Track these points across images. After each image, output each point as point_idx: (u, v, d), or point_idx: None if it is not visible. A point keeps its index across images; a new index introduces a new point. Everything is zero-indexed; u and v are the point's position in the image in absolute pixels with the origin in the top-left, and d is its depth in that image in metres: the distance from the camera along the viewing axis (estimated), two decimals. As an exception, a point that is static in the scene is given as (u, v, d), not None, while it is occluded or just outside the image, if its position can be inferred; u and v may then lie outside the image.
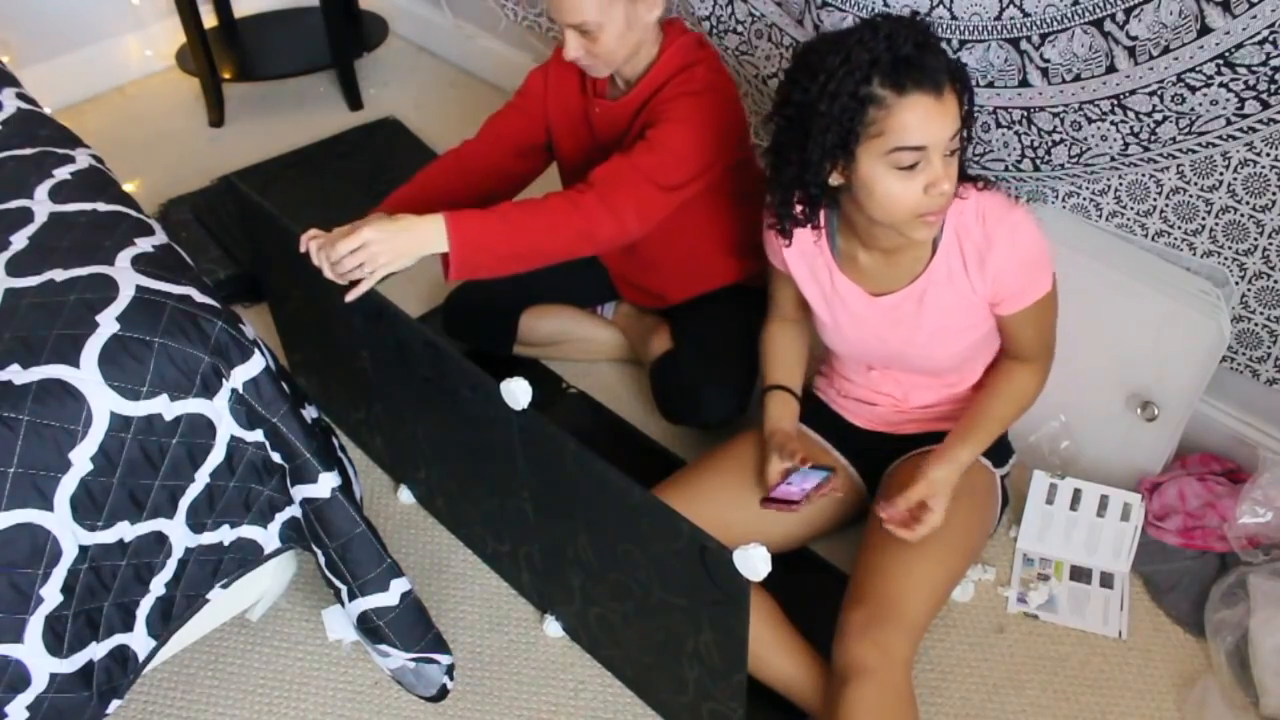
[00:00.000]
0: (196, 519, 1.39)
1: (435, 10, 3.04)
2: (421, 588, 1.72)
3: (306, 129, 2.81)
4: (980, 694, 1.58)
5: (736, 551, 1.12)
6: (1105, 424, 1.77)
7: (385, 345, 1.56)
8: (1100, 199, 1.73)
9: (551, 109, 1.80)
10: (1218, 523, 1.67)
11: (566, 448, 1.30)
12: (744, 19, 2.08)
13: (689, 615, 1.29)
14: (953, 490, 1.47)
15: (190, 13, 2.67)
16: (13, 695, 1.26)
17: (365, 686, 1.62)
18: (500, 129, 1.81)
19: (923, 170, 1.28)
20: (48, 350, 1.25)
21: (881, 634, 1.36)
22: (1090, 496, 1.71)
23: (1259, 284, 1.63)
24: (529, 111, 1.81)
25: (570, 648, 1.66)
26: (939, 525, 1.42)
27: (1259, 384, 1.71)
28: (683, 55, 1.67)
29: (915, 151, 1.27)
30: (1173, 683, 1.58)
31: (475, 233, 1.48)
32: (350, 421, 1.93)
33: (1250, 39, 1.44)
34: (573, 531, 1.42)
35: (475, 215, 1.50)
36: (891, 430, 1.65)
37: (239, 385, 1.36)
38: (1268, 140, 1.51)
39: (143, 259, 1.40)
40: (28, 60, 2.75)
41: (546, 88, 1.79)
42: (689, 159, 1.62)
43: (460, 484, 1.67)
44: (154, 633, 1.40)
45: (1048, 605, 1.68)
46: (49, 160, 1.60)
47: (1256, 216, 1.58)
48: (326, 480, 1.42)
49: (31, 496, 1.22)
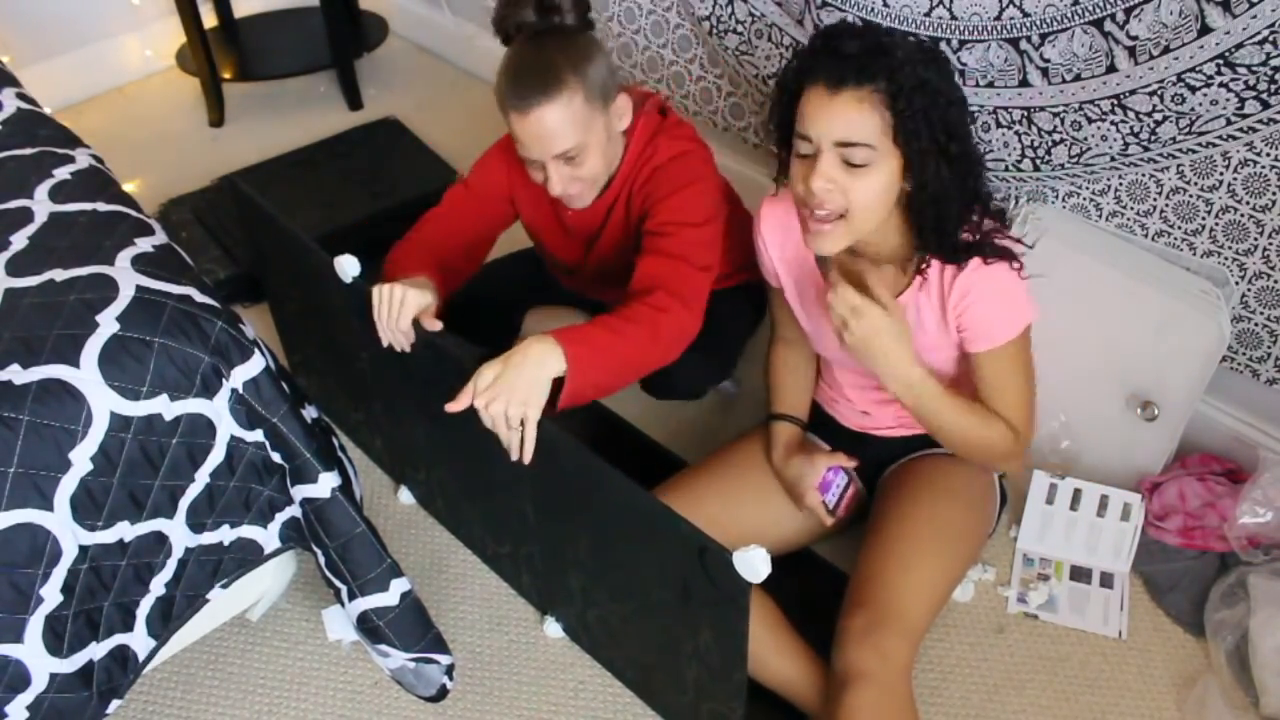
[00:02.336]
0: (196, 519, 1.39)
1: (435, 10, 3.04)
2: (421, 588, 1.72)
3: (306, 129, 2.81)
4: (980, 694, 1.58)
5: (736, 553, 1.12)
6: (1105, 424, 1.77)
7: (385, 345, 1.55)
8: (1100, 199, 1.73)
9: (520, 203, 1.72)
10: (1218, 523, 1.67)
11: (567, 448, 1.30)
12: (744, 19, 2.08)
13: (688, 616, 1.29)
14: (959, 492, 1.51)
15: (190, 13, 2.67)
16: (13, 695, 1.26)
17: (365, 686, 1.62)
18: (464, 211, 1.70)
19: (812, 161, 1.29)
20: (48, 350, 1.25)
21: (881, 639, 1.36)
22: (1090, 496, 1.71)
23: (1259, 284, 1.63)
24: (490, 201, 1.71)
25: (570, 648, 1.66)
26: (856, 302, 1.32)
27: (1259, 384, 1.71)
28: (642, 140, 1.59)
29: (805, 141, 1.29)
30: (1173, 683, 1.58)
31: (587, 357, 1.37)
32: (350, 421, 1.93)
33: (1250, 39, 1.44)
34: (573, 533, 1.42)
35: (585, 338, 1.39)
36: (883, 433, 1.64)
37: (239, 385, 1.36)
38: (1268, 140, 1.51)
39: (143, 259, 1.40)
40: (28, 60, 2.75)
41: (510, 181, 1.69)
42: (709, 226, 1.55)
43: (460, 484, 1.67)
44: (154, 633, 1.40)
45: (1048, 605, 1.68)
46: (49, 160, 1.60)
47: (1256, 216, 1.58)
48: (326, 480, 1.42)
49: (31, 496, 1.22)
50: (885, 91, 1.24)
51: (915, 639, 1.40)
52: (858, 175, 1.28)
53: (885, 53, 1.24)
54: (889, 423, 1.63)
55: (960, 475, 1.57)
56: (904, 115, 1.24)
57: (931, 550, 1.46)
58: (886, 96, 1.24)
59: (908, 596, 1.41)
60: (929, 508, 1.51)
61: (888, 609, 1.39)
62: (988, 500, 1.59)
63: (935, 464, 1.58)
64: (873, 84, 1.24)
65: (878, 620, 1.38)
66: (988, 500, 1.59)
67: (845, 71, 1.24)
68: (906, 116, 1.24)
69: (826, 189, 1.28)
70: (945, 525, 1.50)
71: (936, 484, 1.55)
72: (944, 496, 1.53)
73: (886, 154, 1.27)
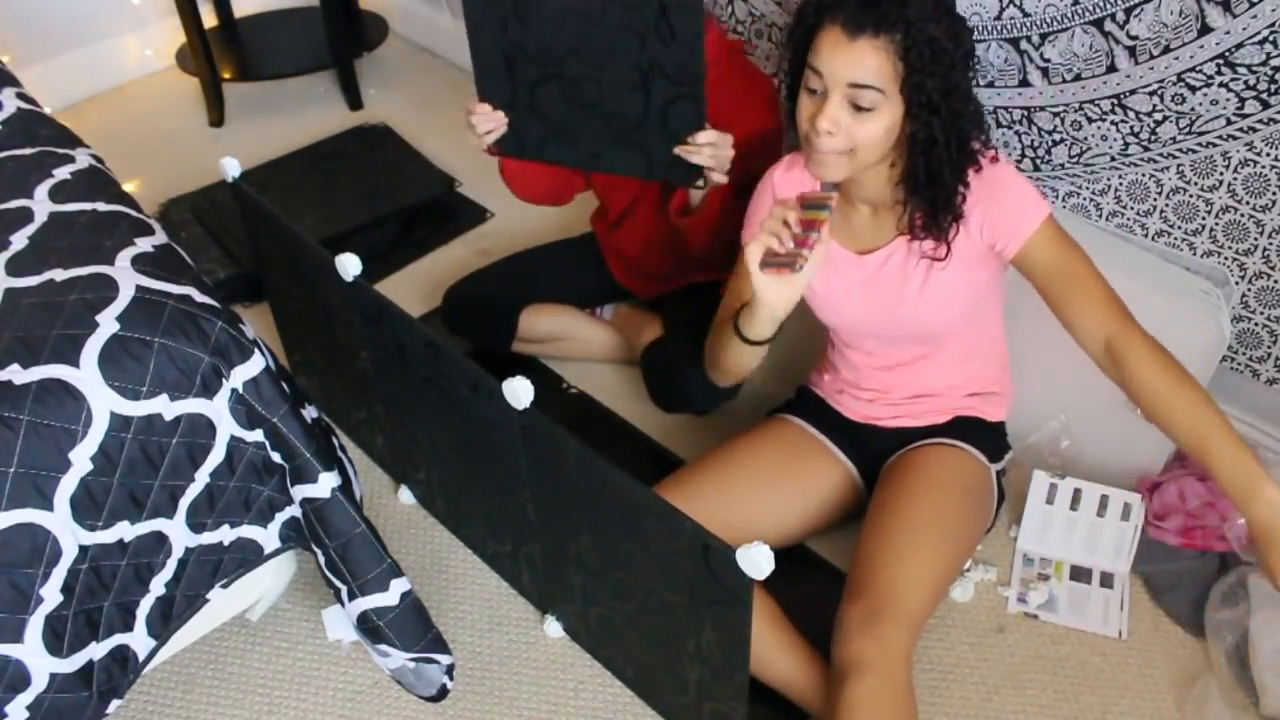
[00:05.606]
0: (196, 519, 1.39)
1: (435, 10, 3.04)
2: (421, 588, 1.72)
3: (306, 129, 2.81)
4: (980, 694, 1.58)
5: (740, 550, 1.12)
6: (1105, 424, 1.76)
7: (385, 345, 1.55)
8: (1100, 199, 1.73)
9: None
10: (1218, 523, 1.67)
11: (568, 447, 1.30)
12: (744, 19, 2.08)
13: (691, 615, 1.29)
14: (957, 484, 1.49)
15: (190, 13, 2.67)
16: (13, 695, 1.26)
17: (365, 686, 1.62)
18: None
19: (821, 99, 1.33)
20: (48, 350, 1.25)
21: (881, 628, 1.36)
22: (1090, 496, 1.71)
23: (1259, 284, 1.63)
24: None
25: (570, 648, 1.66)
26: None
27: (1259, 384, 1.71)
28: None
29: (816, 76, 1.32)
30: (1173, 683, 1.58)
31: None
32: (350, 421, 1.93)
33: (1250, 39, 1.44)
34: (574, 531, 1.42)
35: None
36: (883, 423, 1.65)
37: (239, 385, 1.36)
38: (1268, 140, 1.51)
39: (143, 259, 1.40)
40: (28, 60, 2.75)
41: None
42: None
43: (461, 484, 1.67)
44: (154, 633, 1.40)
45: (1048, 605, 1.69)
46: (49, 160, 1.60)
47: (1256, 216, 1.58)
48: (326, 480, 1.42)
49: (31, 496, 1.22)
50: (899, 42, 1.28)
51: (915, 629, 1.40)
52: (862, 119, 1.32)
53: (903, 4, 1.27)
54: (891, 412, 1.63)
55: (959, 467, 1.57)
56: (913, 68, 1.29)
57: (931, 541, 1.46)
58: (900, 47, 1.28)
59: (907, 586, 1.41)
60: (928, 498, 1.52)
61: (887, 599, 1.39)
62: (985, 493, 1.59)
63: (934, 455, 1.58)
64: (890, 34, 1.28)
65: (877, 610, 1.38)
66: (985, 493, 1.59)
67: (865, 18, 1.27)
68: (915, 69, 1.29)
69: (830, 132, 1.32)
70: (944, 516, 1.50)
71: (935, 475, 1.55)
72: (943, 488, 1.54)
73: (893, 100, 1.31)
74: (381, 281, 2.33)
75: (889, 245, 1.48)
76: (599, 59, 1.50)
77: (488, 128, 1.60)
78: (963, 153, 1.37)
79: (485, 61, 1.56)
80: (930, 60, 1.29)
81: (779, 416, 1.73)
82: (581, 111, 1.55)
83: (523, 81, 1.56)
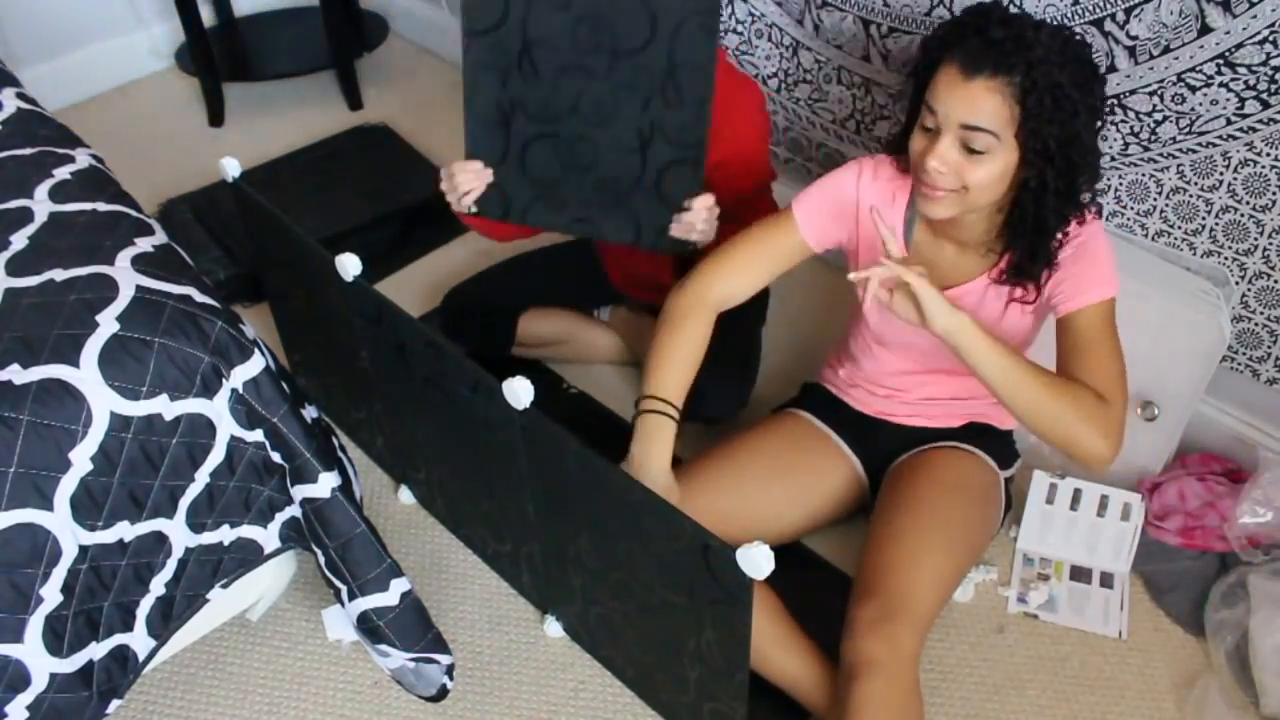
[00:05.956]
0: (196, 519, 1.39)
1: (435, 10, 3.04)
2: (421, 588, 1.72)
3: (306, 129, 2.81)
4: (981, 694, 1.58)
5: (740, 550, 1.12)
6: (1105, 424, 1.76)
7: (385, 345, 1.55)
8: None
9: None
10: (1218, 523, 1.67)
11: (569, 447, 1.30)
12: (744, 19, 2.08)
13: (690, 614, 1.29)
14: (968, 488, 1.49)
15: (190, 13, 2.67)
16: (13, 695, 1.26)
17: (365, 686, 1.62)
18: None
19: (934, 137, 1.30)
20: (48, 350, 1.25)
21: (892, 629, 1.37)
22: (1090, 496, 1.71)
23: (1259, 284, 1.63)
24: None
25: (570, 648, 1.66)
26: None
27: (1259, 384, 1.71)
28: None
29: (931, 113, 1.29)
30: (1173, 683, 1.58)
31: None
32: (350, 421, 1.93)
33: (1250, 39, 1.44)
34: (574, 531, 1.42)
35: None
36: (894, 419, 1.65)
37: (239, 385, 1.36)
38: (1268, 140, 1.51)
39: (143, 259, 1.40)
40: (28, 60, 2.75)
41: None
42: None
43: (461, 484, 1.67)
44: (154, 633, 1.40)
45: (1048, 605, 1.69)
46: (49, 160, 1.60)
47: (1256, 216, 1.58)
48: (326, 480, 1.42)
49: (31, 496, 1.22)
50: (1019, 85, 1.24)
51: (923, 629, 1.40)
52: (974, 161, 1.29)
53: (1028, 46, 1.23)
54: (907, 410, 1.63)
55: (971, 472, 1.57)
56: (1031, 113, 1.25)
57: (940, 543, 1.46)
58: (1019, 90, 1.24)
59: (918, 588, 1.42)
60: (941, 501, 1.52)
61: (899, 600, 1.40)
62: (994, 497, 1.59)
63: (947, 459, 1.59)
64: (1008, 76, 1.24)
65: (889, 611, 1.39)
66: (994, 497, 1.59)
67: (984, 59, 1.24)
68: (1033, 114, 1.25)
69: (939, 171, 1.30)
70: (956, 520, 1.51)
71: (949, 479, 1.56)
72: (952, 490, 1.54)
73: (1007, 144, 1.28)
74: (381, 281, 2.33)
75: (970, 284, 1.46)
76: (599, 118, 1.48)
77: (470, 186, 1.58)
78: (1071, 202, 1.33)
79: (480, 115, 1.54)
80: (1051, 106, 1.24)
81: (785, 411, 1.73)
82: (573, 173, 1.53)
83: (516, 138, 1.53)
